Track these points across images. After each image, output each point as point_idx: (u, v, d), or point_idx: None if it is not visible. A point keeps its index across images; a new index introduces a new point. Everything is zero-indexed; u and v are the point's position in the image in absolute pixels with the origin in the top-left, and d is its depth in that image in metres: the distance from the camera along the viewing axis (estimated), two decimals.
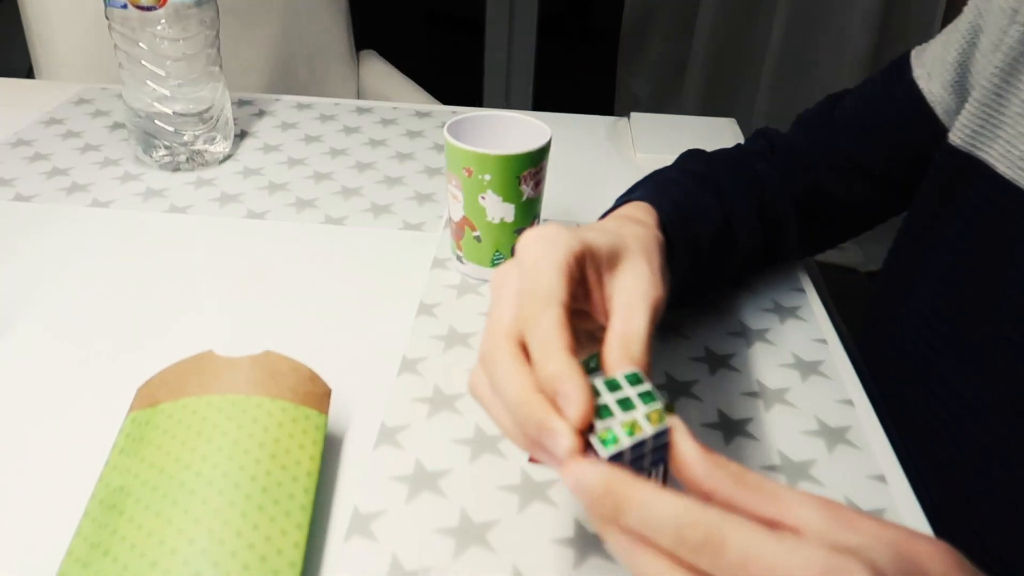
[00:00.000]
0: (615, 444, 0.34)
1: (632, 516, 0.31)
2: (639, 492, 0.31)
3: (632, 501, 0.31)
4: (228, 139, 0.88)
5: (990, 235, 0.56)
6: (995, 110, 0.55)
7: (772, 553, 0.28)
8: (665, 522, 0.30)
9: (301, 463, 0.47)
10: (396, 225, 0.78)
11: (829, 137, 0.67)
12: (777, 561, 0.28)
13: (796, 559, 0.28)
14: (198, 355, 0.52)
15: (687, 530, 0.30)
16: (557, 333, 0.36)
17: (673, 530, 0.30)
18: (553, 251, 0.39)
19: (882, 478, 0.52)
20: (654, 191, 0.58)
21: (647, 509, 0.31)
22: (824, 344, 0.64)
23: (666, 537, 0.30)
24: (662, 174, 0.64)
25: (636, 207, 0.54)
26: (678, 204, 0.57)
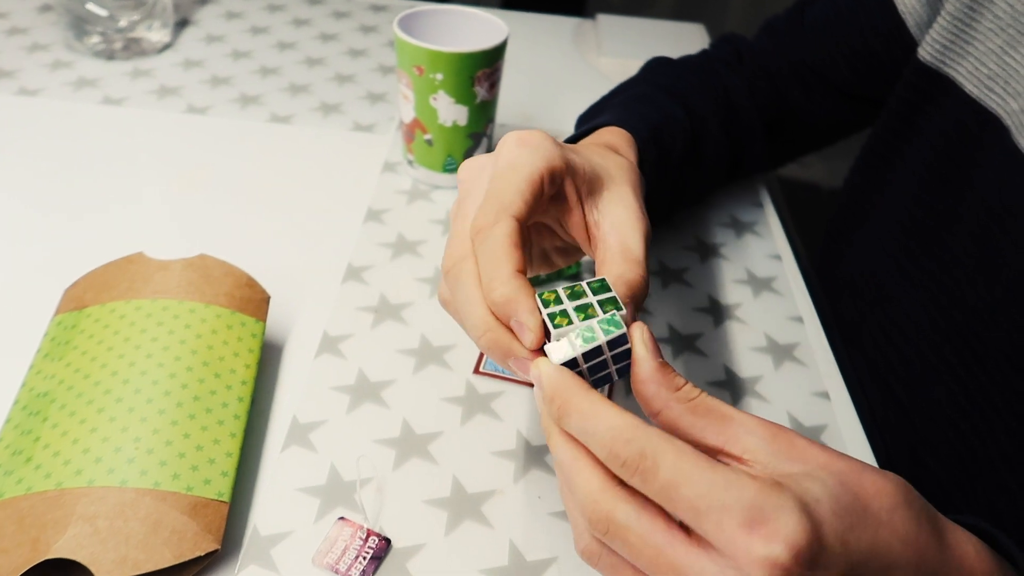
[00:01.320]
0: (565, 351, 0.33)
1: (572, 422, 0.31)
2: (581, 400, 0.31)
3: (573, 408, 0.31)
4: (167, 27, 0.83)
5: (951, 156, 0.54)
6: (967, 25, 0.53)
7: (703, 482, 0.28)
8: (601, 434, 0.30)
9: (236, 371, 0.45)
10: (346, 126, 0.74)
11: (797, 46, 0.64)
12: (707, 491, 0.27)
13: (726, 491, 0.27)
14: (128, 257, 0.49)
15: (620, 445, 0.29)
16: (507, 250, 0.35)
17: (608, 443, 0.29)
18: (530, 159, 0.37)
19: (826, 395, 0.52)
20: (624, 111, 0.55)
21: (586, 418, 0.30)
22: (779, 260, 0.63)
23: (601, 449, 0.30)
24: (632, 89, 0.61)
25: (613, 133, 0.51)
26: (651, 124, 0.54)
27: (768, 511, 0.27)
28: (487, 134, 0.66)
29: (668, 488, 0.28)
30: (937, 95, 0.55)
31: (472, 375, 0.51)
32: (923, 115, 0.56)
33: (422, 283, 0.57)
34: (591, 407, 0.31)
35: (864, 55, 0.61)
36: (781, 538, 0.26)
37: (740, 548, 0.27)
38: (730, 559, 0.27)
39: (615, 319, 0.33)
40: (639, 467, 0.28)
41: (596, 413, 0.30)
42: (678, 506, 0.28)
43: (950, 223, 0.54)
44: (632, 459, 0.29)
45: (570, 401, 0.31)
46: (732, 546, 0.27)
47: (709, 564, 0.27)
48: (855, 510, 0.29)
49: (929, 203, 0.56)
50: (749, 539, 0.27)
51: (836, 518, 0.28)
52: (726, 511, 0.27)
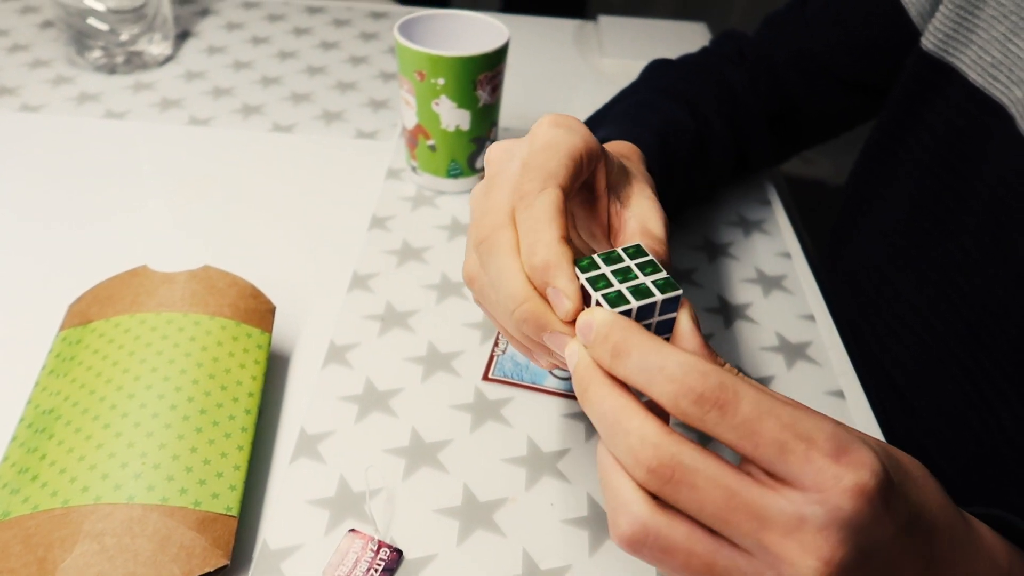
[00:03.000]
0: (624, 303, 0.31)
1: (632, 360, 0.28)
2: (644, 338, 0.29)
3: (634, 345, 0.28)
4: (168, 39, 0.83)
5: (956, 146, 0.54)
6: (970, 13, 0.52)
7: (786, 414, 0.26)
8: (671, 368, 0.27)
9: (242, 383, 0.45)
10: (349, 133, 0.74)
11: (798, 39, 0.64)
12: (792, 423, 0.26)
13: (809, 423, 0.26)
14: (132, 270, 0.49)
15: (696, 377, 0.27)
16: (551, 216, 0.33)
17: (681, 376, 0.27)
18: (568, 138, 0.36)
19: (840, 393, 0.51)
20: (629, 122, 0.54)
21: (650, 353, 0.28)
22: (788, 258, 0.63)
23: (671, 384, 0.27)
24: (635, 97, 0.60)
25: (620, 146, 0.50)
26: (656, 132, 0.54)
27: (848, 444, 0.27)
28: (490, 138, 0.66)
29: (751, 421, 0.26)
30: (941, 85, 0.54)
31: (481, 381, 0.50)
32: (927, 105, 0.56)
33: (428, 290, 0.57)
34: (655, 343, 0.28)
35: (866, 45, 0.60)
36: (867, 466, 0.26)
37: (829, 477, 0.26)
38: (815, 491, 0.26)
39: (671, 281, 0.32)
40: (719, 399, 0.26)
41: (662, 348, 0.28)
42: (761, 439, 0.26)
43: (956, 214, 0.53)
44: (711, 390, 0.26)
45: (630, 339, 0.29)
46: (821, 475, 0.26)
47: (787, 503, 0.26)
48: (904, 473, 0.29)
49: (935, 194, 0.55)
50: (838, 467, 0.26)
51: (896, 470, 0.29)
52: (813, 442, 0.26)
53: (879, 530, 0.27)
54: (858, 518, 0.26)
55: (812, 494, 0.26)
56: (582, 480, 0.45)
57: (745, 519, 0.26)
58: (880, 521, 0.26)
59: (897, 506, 0.27)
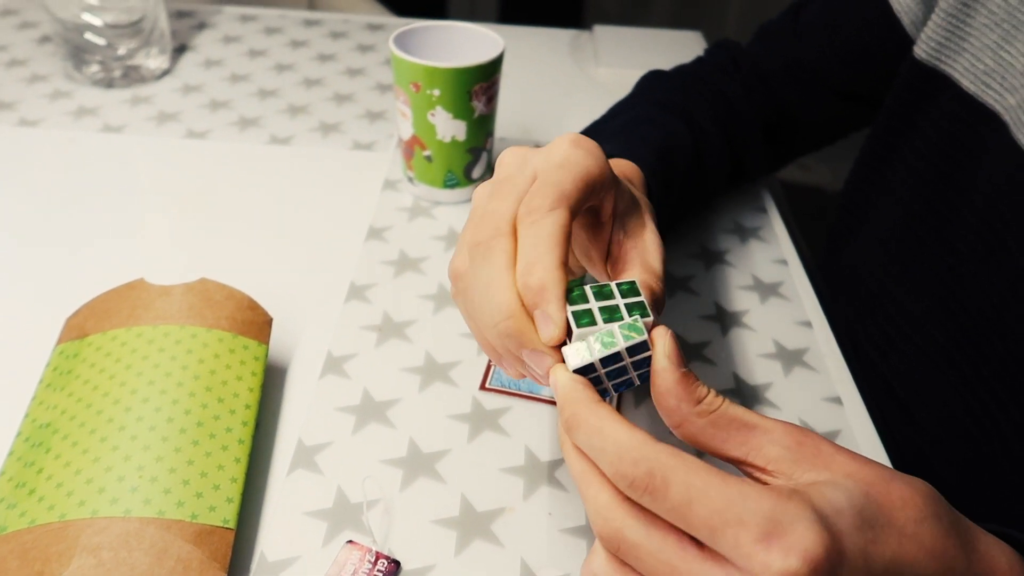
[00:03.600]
0: (583, 356, 0.32)
1: (580, 437, 0.30)
2: (590, 415, 0.30)
3: (582, 422, 0.30)
4: (165, 53, 0.83)
5: (951, 154, 0.54)
6: (962, 21, 0.53)
7: (717, 498, 0.27)
8: (608, 452, 0.29)
9: (239, 395, 0.45)
10: (345, 145, 0.74)
11: (791, 49, 0.64)
12: (722, 507, 0.27)
13: (741, 505, 0.26)
14: (129, 283, 0.49)
15: (627, 465, 0.28)
16: (556, 238, 0.33)
17: (615, 462, 0.28)
18: (585, 161, 0.36)
19: (838, 400, 0.51)
20: (626, 139, 0.54)
21: (593, 434, 0.30)
22: (784, 265, 0.63)
23: (608, 467, 0.29)
24: (631, 112, 0.60)
25: (620, 165, 0.50)
26: (654, 147, 0.54)
27: (785, 523, 0.26)
28: (487, 148, 0.66)
29: (680, 507, 0.27)
30: (934, 93, 0.55)
31: (479, 391, 0.50)
32: (921, 113, 0.56)
33: (425, 300, 0.57)
34: (599, 422, 0.30)
35: (859, 54, 0.60)
36: (799, 550, 0.26)
37: (757, 563, 0.26)
38: (748, 574, 0.26)
39: (636, 325, 0.33)
40: (648, 486, 0.28)
41: (603, 429, 0.29)
42: (692, 524, 0.27)
43: (952, 222, 0.53)
44: (640, 479, 0.28)
45: (578, 414, 0.30)
46: (749, 561, 0.26)
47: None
48: (879, 521, 0.28)
49: (930, 202, 0.55)
50: (767, 553, 0.26)
51: (857, 530, 0.27)
52: (742, 526, 0.26)
53: None
54: None
55: (747, 574, 0.26)
56: None
57: None
58: None
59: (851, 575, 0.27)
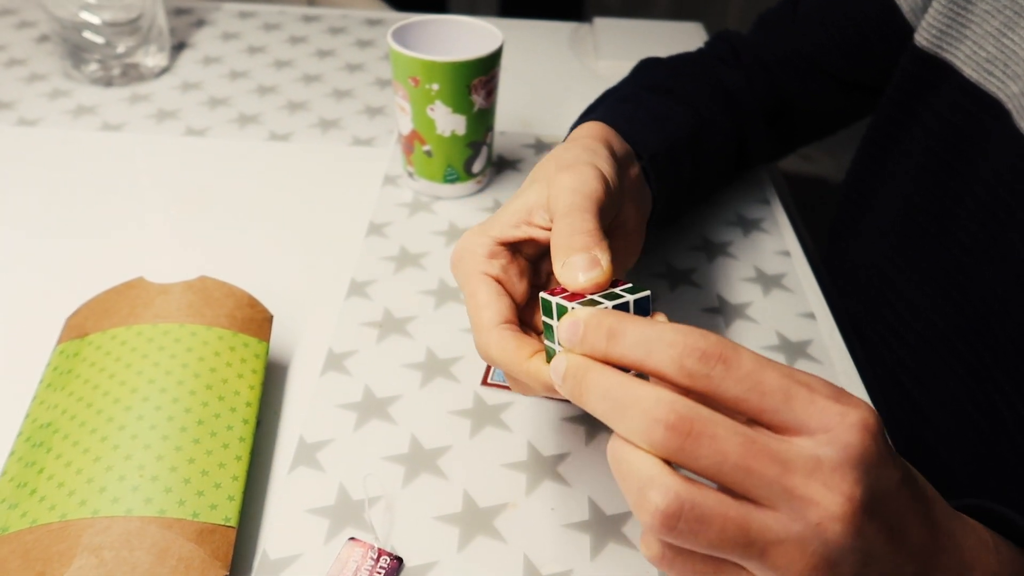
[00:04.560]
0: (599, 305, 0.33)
1: (628, 338, 0.29)
2: (636, 320, 0.30)
3: (628, 326, 0.29)
4: (164, 51, 0.83)
5: (953, 142, 0.53)
6: (963, 8, 0.52)
7: (783, 368, 0.28)
8: (670, 336, 0.28)
9: (240, 393, 0.45)
10: (345, 141, 0.74)
11: (791, 38, 0.64)
12: (791, 373, 0.28)
13: (806, 375, 0.28)
14: (128, 282, 0.49)
15: (696, 338, 0.27)
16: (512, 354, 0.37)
17: (681, 340, 0.28)
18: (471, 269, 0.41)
19: None
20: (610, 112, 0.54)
21: (646, 328, 0.29)
22: (787, 257, 0.62)
23: (673, 348, 0.27)
24: (617, 91, 0.60)
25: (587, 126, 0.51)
26: (641, 121, 0.53)
27: (843, 390, 0.29)
28: (487, 142, 0.65)
29: (754, 372, 0.27)
30: (935, 81, 0.54)
31: (480, 387, 0.50)
32: (922, 102, 0.55)
33: (426, 296, 0.57)
34: (648, 321, 0.29)
35: (858, 42, 0.60)
36: (864, 406, 0.28)
37: (835, 414, 0.27)
38: (823, 433, 0.27)
39: (639, 287, 0.34)
40: (722, 354, 0.27)
41: (655, 322, 0.29)
42: (766, 388, 0.27)
43: (955, 211, 0.53)
44: (713, 347, 0.27)
45: (623, 319, 0.30)
46: (826, 415, 0.27)
47: (801, 447, 0.27)
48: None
49: (932, 191, 0.55)
50: (840, 406, 0.27)
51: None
52: (813, 387, 0.28)
53: (886, 473, 0.28)
54: (867, 455, 0.27)
55: (821, 436, 0.27)
56: (582, 484, 0.44)
57: (768, 465, 0.26)
58: (885, 462, 0.28)
59: (893, 456, 0.29)
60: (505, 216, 0.41)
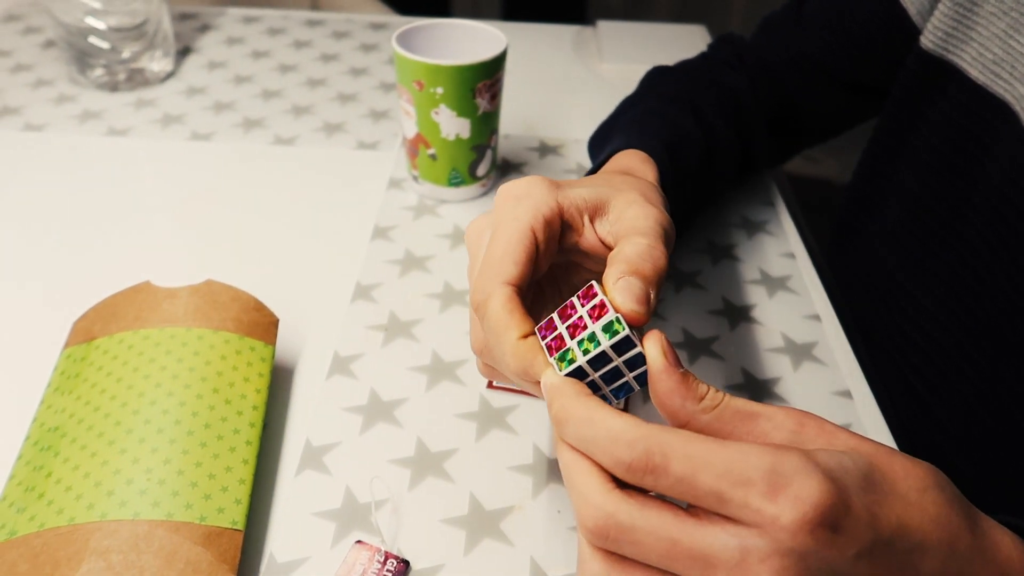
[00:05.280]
0: (571, 363, 0.32)
1: (570, 430, 0.30)
2: (578, 407, 0.30)
3: (570, 415, 0.30)
4: (169, 56, 0.83)
5: (960, 144, 0.53)
6: (969, 10, 0.52)
7: (719, 462, 0.27)
8: (601, 440, 0.28)
9: (246, 396, 0.45)
10: (350, 144, 0.74)
11: (795, 41, 0.64)
12: (726, 470, 0.27)
13: (744, 464, 0.27)
14: (135, 286, 0.49)
15: (623, 449, 0.28)
16: (504, 322, 0.34)
17: (610, 448, 0.28)
18: (520, 213, 0.36)
19: (848, 394, 0.51)
20: (638, 132, 0.54)
21: (582, 425, 0.29)
22: (792, 259, 0.62)
23: (604, 456, 0.28)
24: (640, 106, 0.59)
25: (628, 156, 0.50)
26: (665, 140, 0.53)
27: (789, 475, 0.26)
28: (491, 146, 0.66)
29: (685, 479, 0.27)
30: (942, 83, 0.54)
31: (485, 389, 0.50)
32: (928, 103, 0.55)
33: (432, 299, 0.57)
34: (588, 413, 0.29)
35: (864, 45, 0.60)
36: (805, 498, 0.26)
37: (768, 516, 0.26)
38: (757, 529, 0.26)
39: (613, 324, 0.32)
40: (648, 465, 0.27)
41: (592, 419, 0.29)
42: (698, 493, 0.27)
43: (963, 212, 0.53)
44: (639, 459, 0.27)
45: (566, 407, 0.30)
46: (760, 517, 0.26)
47: (732, 540, 0.27)
48: (883, 487, 0.28)
49: (940, 193, 0.55)
50: (775, 506, 0.26)
51: (863, 490, 0.28)
52: (749, 484, 0.26)
53: (832, 553, 0.26)
54: (804, 547, 0.26)
55: (756, 530, 0.26)
56: None
57: (690, 564, 0.27)
58: (830, 545, 0.26)
59: (854, 531, 0.27)
60: (579, 194, 0.38)
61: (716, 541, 0.27)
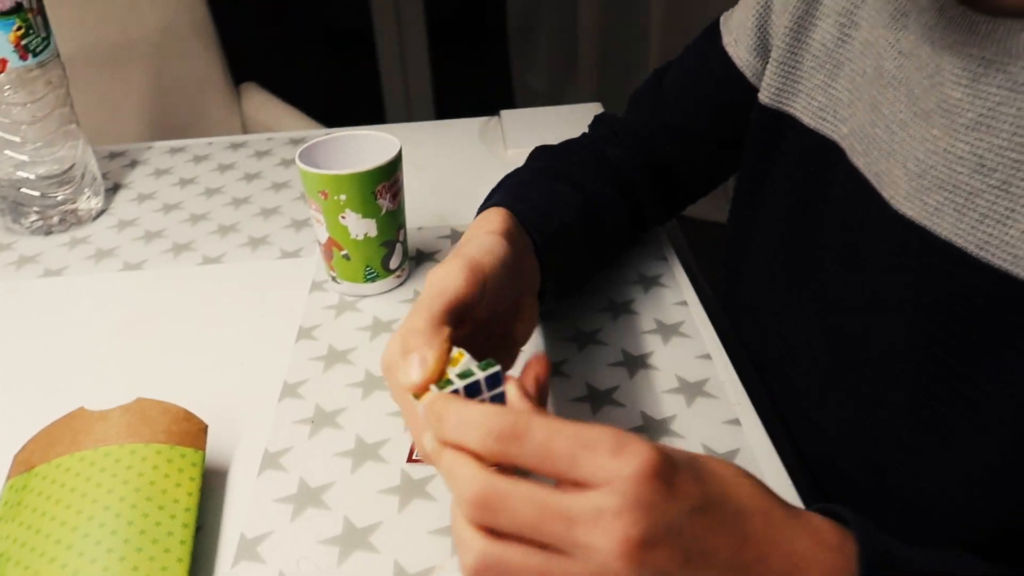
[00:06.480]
0: (449, 384, 0.39)
1: (449, 423, 0.36)
2: (456, 403, 0.37)
3: (449, 411, 0.36)
4: (99, 194, 0.88)
5: (806, 183, 0.60)
6: (792, 67, 0.60)
7: (571, 431, 0.34)
8: (475, 419, 0.35)
9: (179, 500, 0.48)
10: (274, 255, 0.79)
11: (660, 111, 0.71)
12: (576, 436, 0.33)
13: (591, 434, 0.34)
14: (70, 413, 0.53)
15: (493, 420, 0.34)
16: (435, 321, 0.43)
17: (482, 423, 0.34)
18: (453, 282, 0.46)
19: (737, 422, 0.56)
20: (504, 195, 0.61)
21: (460, 413, 0.36)
22: (685, 306, 0.68)
23: (478, 431, 0.34)
24: (514, 177, 0.66)
25: (484, 215, 0.57)
26: (531, 200, 0.60)
27: (626, 442, 0.34)
28: (399, 240, 0.71)
29: (544, 443, 0.33)
30: (782, 131, 0.61)
31: (406, 464, 0.54)
32: (775, 150, 0.62)
33: (354, 388, 0.61)
34: (464, 405, 0.36)
35: (716, 106, 0.67)
36: (642, 454, 0.33)
37: (613, 470, 0.33)
38: (606, 485, 0.32)
39: (491, 362, 0.39)
40: (513, 432, 0.34)
41: (467, 407, 0.36)
42: (556, 456, 0.33)
43: (817, 243, 0.59)
44: (506, 428, 0.34)
45: (446, 407, 0.37)
46: (606, 472, 0.33)
47: (588, 500, 0.32)
48: (705, 467, 0.36)
49: (797, 229, 0.61)
50: (619, 461, 0.33)
51: (688, 462, 0.35)
52: (596, 447, 0.33)
53: (671, 506, 0.33)
54: (646, 498, 0.32)
55: (605, 488, 0.32)
56: None
57: (556, 523, 0.33)
58: (669, 498, 0.33)
59: (685, 487, 0.34)
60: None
61: (576, 503, 0.33)
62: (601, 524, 0.32)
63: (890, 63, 0.51)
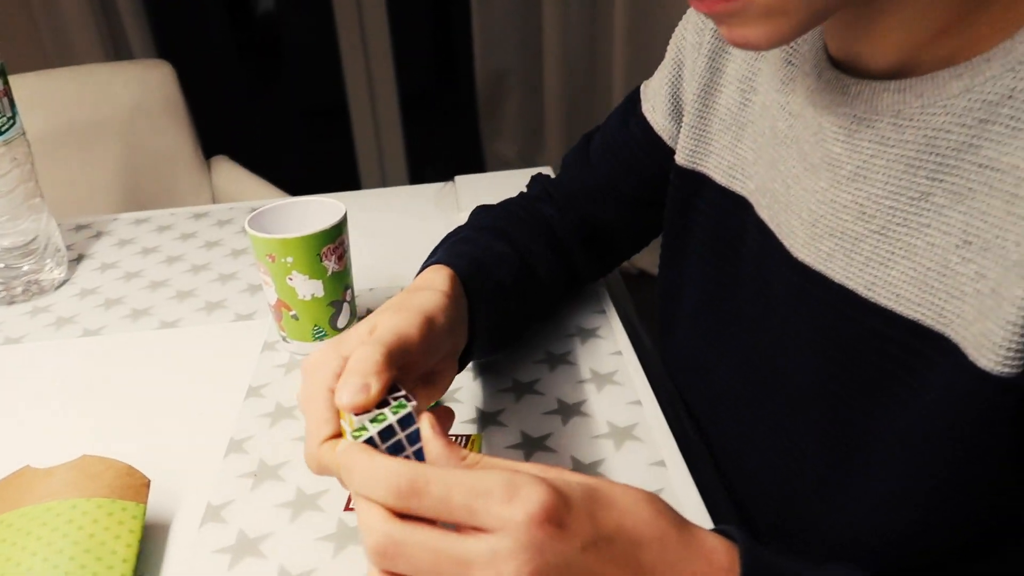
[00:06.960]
0: (363, 431, 0.41)
1: (356, 477, 0.38)
2: (363, 457, 0.39)
3: (356, 465, 0.39)
4: (61, 265, 0.91)
5: (722, 236, 0.64)
6: (702, 130, 0.64)
7: (467, 483, 0.36)
8: (379, 477, 0.37)
9: (117, 552, 0.50)
10: (229, 318, 0.82)
11: (588, 173, 0.75)
12: (471, 488, 0.36)
13: (485, 482, 0.36)
14: (16, 471, 0.55)
15: (394, 478, 0.37)
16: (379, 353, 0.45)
17: (384, 480, 0.37)
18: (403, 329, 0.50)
19: (662, 463, 0.58)
20: (447, 253, 0.64)
21: (366, 469, 0.38)
22: (620, 356, 0.71)
23: (381, 487, 0.37)
24: (455, 235, 0.70)
25: (431, 272, 0.61)
26: (472, 258, 0.64)
27: (519, 485, 0.36)
28: (346, 300, 0.74)
29: (442, 498, 0.36)
30: (698, 189, 0.65)
31: (343, 512, 0.56)
32: (692, 208, 0.66)
33: (298, 442, 0.63)
34: (370, 459, 0.39)
35: (638, 168, 0.72)
36: (533, 499, 0.35)
37: (507, 516, 0.35)
38: (500, 532, 0.35)
39: (402, 404, 0.42)
40: (412, 489, 0.36)
41: (373, 462, 0.38)
42: (453, 507, 0.36)
43: (734, 293, 0.62)
44: (405, 486, 0.36)
45: (354, 459, 0.39)
46: (500, 519, 0.35)
47: (482, 544, 0.35)
48: (604, 500, 0.38)
49: (717, 281, 0.65)
50: (511, 508, 0.35)
51: (583, 498, 0.37)
52: (490, 495, 0.36)
53: (561, 545, 0.35)
54: (537, 539, 0.34)
55: (499, 532, 0.35)
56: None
57: (453, 567, 0.35)
58: (559, 537, 0.35)
59: (576, 524, 0.36)
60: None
61: (471, 547, 0.35)
62: (495, 565, 0.35)
63: (783, 123, 0.56)
